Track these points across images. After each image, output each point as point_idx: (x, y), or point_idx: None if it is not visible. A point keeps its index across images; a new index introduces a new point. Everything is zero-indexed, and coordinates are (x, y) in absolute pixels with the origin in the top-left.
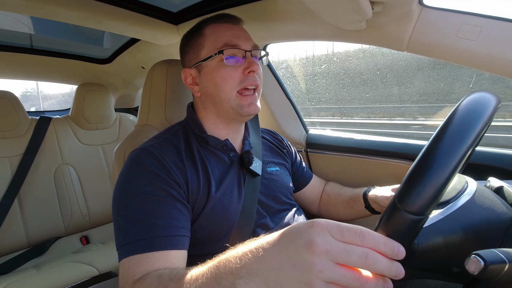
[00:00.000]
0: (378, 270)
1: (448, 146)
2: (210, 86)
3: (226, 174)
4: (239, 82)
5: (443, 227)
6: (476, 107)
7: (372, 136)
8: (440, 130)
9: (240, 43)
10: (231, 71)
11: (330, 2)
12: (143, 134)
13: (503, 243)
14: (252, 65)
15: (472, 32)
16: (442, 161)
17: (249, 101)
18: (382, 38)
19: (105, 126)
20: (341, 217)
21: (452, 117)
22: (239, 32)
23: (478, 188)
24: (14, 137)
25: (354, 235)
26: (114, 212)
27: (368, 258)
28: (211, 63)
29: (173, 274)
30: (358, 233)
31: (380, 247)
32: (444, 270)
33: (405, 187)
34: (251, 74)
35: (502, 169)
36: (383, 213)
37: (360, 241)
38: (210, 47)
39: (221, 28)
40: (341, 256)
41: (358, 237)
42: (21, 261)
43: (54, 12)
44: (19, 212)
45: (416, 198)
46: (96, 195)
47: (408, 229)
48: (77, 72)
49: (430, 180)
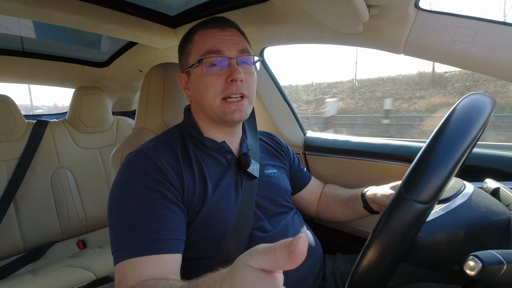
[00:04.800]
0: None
1: (454, 134)
2: (196, 93)
3: (223, 176)
4: (221, 90)
5: (444, 222)
6: (476, 104)
7: (370, 138)
8: (444, 121)
9: (224, 49)
10: (213, 79)
11: (327, 5)
12: (141, 137)
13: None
14: (234, 73)
15: (468, 35)
16: (448, 149)
17: (233, 108)
18: (379, 41)
19: (103, 130)
20: (339, 218)
21: (453, 111)
22: (226, 37)
23: (475, 189)
24: (11, 140)
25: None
26: (109, 215)
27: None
28: (196, 70)
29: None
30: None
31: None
32: (445, 268)
33: (411, 176)
34: (233, 83)
35: (499, 170)
36: (387, 205)
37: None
38: (195, 54)
39: (207, 34)
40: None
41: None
42: (17, 266)
43: (52, 15)
44: (15, 216)
45: (423, 186)
46: (93, 199)
47: (414, 218)
48: (75, 76)
49: (438, 167)
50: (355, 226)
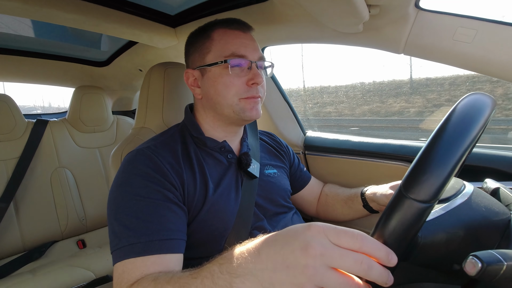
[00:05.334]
0: (371, 276)
1: (454, 133)
2: (211, 91)
3: (223, 176)
4: (243, 91)
5: (444, 222)
6: (477, 104)
7: (369, 138)
8: (445, 121)
9: (248, 53)
10: (235, 80)
11: (327, 5)
12: (141, 137)
13: (500, 244)
14: (257, 77)
15: (468, 34)
16: (449, 148)
17: (252, 105)
18: (379, 41)
19: (103, 129)
20: (338, 218)
21: (454, 111)
22: (248, 42)
23: (475, 189)
24: (11, 140)
25: (351, 238)
26: (109, 215)
27: (363, 264)
28: (215, 69)
29: (169, 277)
30: (355, 237)
31: (376, 252)
32: (445, 267)
33: (412, 175)
34: (254, 86)
35: (498, 170)
36: (388, 204)
37: (357, 245)
38: (216, 53)
39: (230, 34)
40: (336, 260)
41: (355, 241)
42: (16, 266)
43: (52, 15)
44: (15, 215)
45: (424, 185)
46: (93, 198)
47: (415, 218)
48: (74, 75)
49: (438, 166)
50: (355, 225)
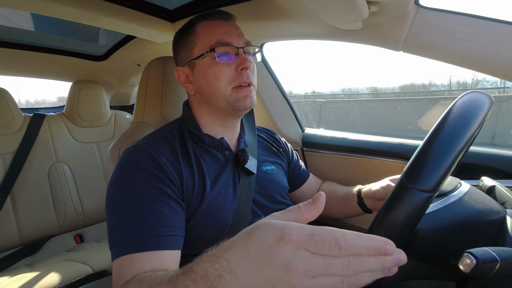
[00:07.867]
0: (368, 270)
1: (456, 126)
2: (203, 84)
3: (221, 173)
4: (233, 79)
5: (442, 216)
6: (476, 100)
7: (368, 135)
8: (446, 114)
9: (232, 40)
10: (224, 69)
11: (326, 1)
12: (139, 132)
13: (495, 242)
14: (245, 62)
15: (467, 33)
16: (451, 139)
17: (245, 94)
18: (378, 38)
19: (100, 124)
20: (334, 215)
21: (454, 105)
22: (231, 29)
23: (471, 187)
24: (7, 134)
25: (329, 247)
26: (107, 210)
27: (351, 266)
28: (203, 61)
29: (152, 280)
30: (333, 245)
31: (362, 253)
32: (442, 261)
33: (414, 165)
34: (243, 71)
35: (494, 168)
36: (389, 194)
37: (337, 253)
38: (202, 45)
39: (213, 25)
40: (323, 271)
41: (334, 249)
42: (14, 260)
43: (49, 8)
44: (12, 210)
45: (427, 174)
46: (90, 193)
47: (417, 207)
48: (72, 69)
49: (440, 156)
50: (353, 223)
